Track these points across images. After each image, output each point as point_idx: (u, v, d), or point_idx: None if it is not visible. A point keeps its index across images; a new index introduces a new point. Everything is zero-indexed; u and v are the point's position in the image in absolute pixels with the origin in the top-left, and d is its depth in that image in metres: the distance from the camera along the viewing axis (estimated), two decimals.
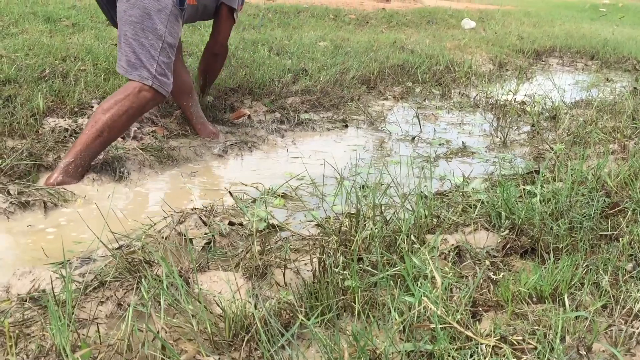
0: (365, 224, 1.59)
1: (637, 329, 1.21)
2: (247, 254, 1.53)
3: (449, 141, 2.97)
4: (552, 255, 1.48)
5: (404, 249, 1.49)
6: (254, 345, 1.17)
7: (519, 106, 3.61)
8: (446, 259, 1.53)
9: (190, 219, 1.75)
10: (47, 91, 2.65)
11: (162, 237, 1.64)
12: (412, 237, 1.55)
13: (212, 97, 3.06)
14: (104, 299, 1.33)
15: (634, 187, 1.84)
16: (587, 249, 1.54)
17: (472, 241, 1.62)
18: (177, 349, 1.17)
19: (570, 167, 2.03)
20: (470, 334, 1.15)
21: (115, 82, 2.86)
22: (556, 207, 1.70)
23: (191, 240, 1.64)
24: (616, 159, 2.37)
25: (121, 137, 2.45)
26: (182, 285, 1.26)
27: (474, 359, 1.10)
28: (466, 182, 2.18)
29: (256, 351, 1.16)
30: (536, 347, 1.13)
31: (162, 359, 1.13)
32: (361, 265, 1.44)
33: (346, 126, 3.15)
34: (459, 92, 4.13)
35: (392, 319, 1.21)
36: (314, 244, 1.61)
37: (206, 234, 1.68)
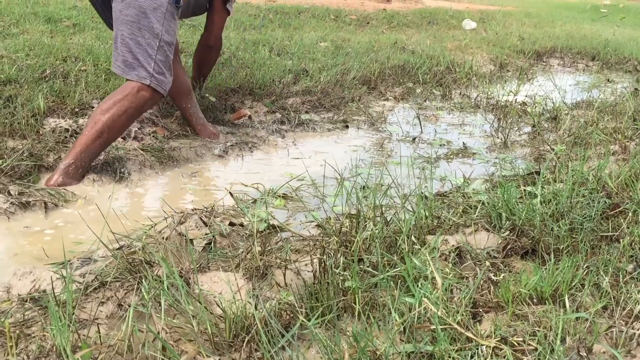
0: (365, 225, 1.59)
1: (638, 330, 1.21)
2: (247, 254, 1.53)
3: (449, 142, 2.97)
4: (552, 256, 1.47)
5: (405, 249, 1.49)
6: (254, 346, 1.17)
7: (519, 107, 3.60)
8: (447, 259, 1.53)
9: (190, 219, 1.75)
10: (48, 91, 2.65)
11: (163, 238, 1.64)
12: (413, 238, 1.55)
13: (214, 98, 3.06)
14: (104, 300, 1.33)
15: (635, 188, 1.84)
16: (587, 250, 1.54)
17: (473, 242, 1.62)
18: (177, 349, 1.17)
19: (571, 168, 2.03)
20: (470, 335, 1.15)
21: (115, 83, 2.86)
22: (557, 208, 1.70)
23: (192, 240, 1.64)
24: (617, 160, 2.37)
25: (122, 138, 2.46)
26: (182, 285, 1.26)
27: None
28: (467, 183, 2.18)
29: (256, 352, 1.16)
30: (536, 348, 1.13)
31: (162, 359, 1.13)
32: (362, 266, 1.44)
33: (347, 127, 3.15)
34: (460, 93, 4.13)
35: (392, 319, 1.21)
36: (315, 245, 1.61)
37: (207, 234, 1.68)
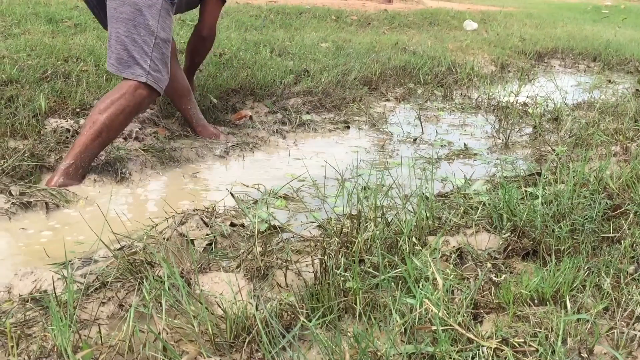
0: (366, 226, 1.59)
1: (639, 331, 1.21)
2: (248, 255, 1.53)
3: (450, 142, 2.97)
4: (553, 257, 1.47)
5: (406, 250, 1.49)
6: (255, 346, 1.17)
7: (520, 108, 3.60)
8: (447, 260, 1.53)
9: (191, 219, 1.75)
10: (49, 92, 2.65)
11: (164, 238, 1.64)
12: (414, 238, 1.55)
13: (216, 99, 3.06)
14: (105, 300, 1.33)
15: (636, 189, 1.84)
16: (588, 252, 1.53)
17: (474, 243, 1.62)
18: (178, 350, 1.17)
19: (572, 169, 2.03)
20: (471, 336, 1.15)
21: (116, 83, 2.86)
22: (558, 209, 1.70)
23: (193, 241, 1.64)
24: (618, 161, 2.37)
25: (122, 138, 2.46)
26: (183, 286, 1.26)
27: None
28: (468, 183, 2.18)
29: (257, 352, 1.16)
30: (537, 350, 1.13)
31: None
32: (363, 266, 1.43)
33: (348, 127, 3.14)
34: (461, 94, 4.13)
35: (393, 320, 1.21)
36: (316, 246, 1.61)
37: (208, 235, 1.68)
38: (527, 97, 4.01)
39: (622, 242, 1.56)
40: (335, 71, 3.84)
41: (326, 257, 1.40)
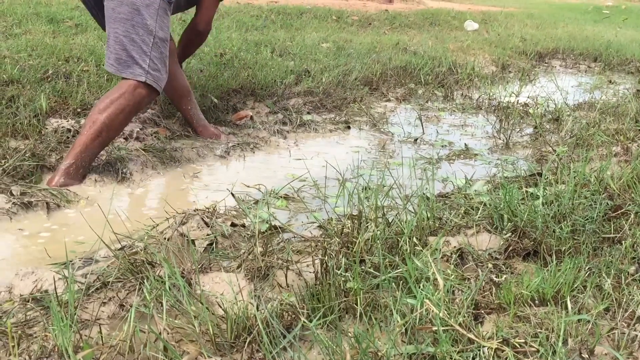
0: (367, 226, 1.59)
1: None
2: (249, 255, 1.53)
3: (451, 143, 2.97)
4: (554, 257, 1.47)
5: (406, 251, 1.49)
6: (255, 346, 1.17)
7: (521, 108, 3.60)
8: (448, 261, 1.53)
9: (192, 220, 1.75)
10: (50, 92, 2.66)
11: (165, 238, 1.65)
12: (414, 239, 1.55)
13: (217, 100, 3.06)
14: (106, 300, 1.33)
15: (637, 190, 1.84)
16: (589, 252, 1.53)
17: (475, 243, 1.62)
18: (179, 350, 1.17)
19: (573, 169, 2.03)
20: (472, 337, 1.15)
21: (117, 83, 2.86)
22: (559, 210, 1.70)
23: (193, 241, 1.64)
24: (619, 162, 2.37)
25: (123, 138, 2.46)
26: (184, 286, 1.27)
27: None
28: (468, 184, 2.18)
29: (258, 353, 1.16)
30: (538, 350, 1.13)
31: None
32: (363, 267, 1.44)
33: (348, 127, 3.15)
34: (462, 94, 4.13)
35: (394, 321, 1.21)
36: (316, 246, 1.61)
37: (208, 235, 1.68)
38: (528, 97, 4.00)
39: (623, 242, 1.56)
40: (336, 71, 3.84)
41: (327, 257, 1.41)
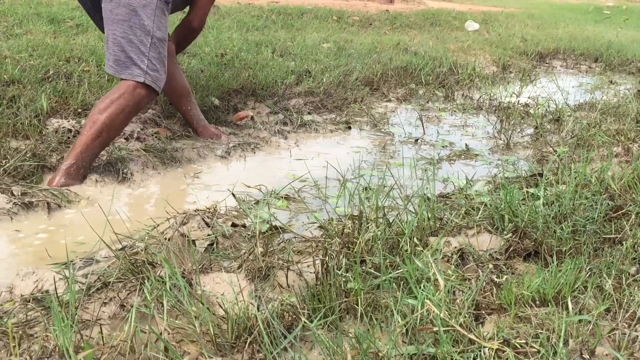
0: (368, 226, 1.59)
1: None
2: (250, 255, 1.53)
3: (452, 143, 2.97)
4: (555, 258, 1.47)
5: (407, 251, 1.49)
6: (256, 347, 1.17)
7: (522, 108, 3.60)
8: (449, 261, 1.53)
9: (193, 220, 1.76)
10: (51, 92, 2.66)
11: (165, 239, 1.65)
12: (415, 239, 1.55)
13: (217, 100, 3.06)
14: (107, 300, 1.33)
15: (638, 190, 1.84)
16: (590, 253, 1.53)
17: (475, 244, 1.62)
18: (179, 350, 1.17)
19: (573, 170, 2.02)
20: (473, 337, 1.15)
21: (117, 83, 2.86)
22: (559, 210, 1.70)
23: (194, 241, 1.64)
24: (620, 162, 2.37)
25: (124, 138, 2.46)
26: (185, 286, 1.27)
27: None
28: (469, 184, 2.18)
29: (259, 353, 1.16)
30: (539, 351, 1.13)
31: None
32: (364, 267, 1.43)
33: (349, 128, 3.15)
34: (462, 94, 4.13)
35: (394, 321, 1.21)
36: (317, 246, 1.61)
37: (209, 235, 1.68)
38: (529, 97, 4.00)
39: (624, 243, 1.56)
40: (336, 72, 3.84)
41: (327, 257, 1.41)
